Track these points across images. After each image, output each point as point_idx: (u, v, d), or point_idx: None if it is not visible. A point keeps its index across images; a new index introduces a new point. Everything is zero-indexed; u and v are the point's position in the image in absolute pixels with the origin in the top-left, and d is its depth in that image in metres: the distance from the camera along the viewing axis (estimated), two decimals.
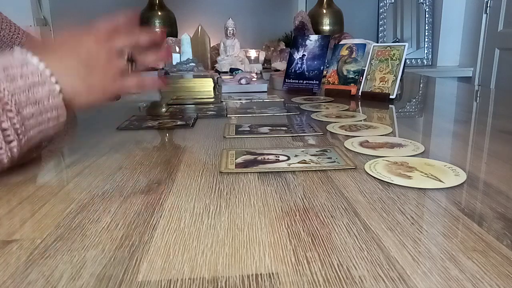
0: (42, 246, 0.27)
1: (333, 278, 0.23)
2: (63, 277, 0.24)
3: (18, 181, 0.40)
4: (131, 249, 0.27)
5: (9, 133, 0.37)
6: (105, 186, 0.39)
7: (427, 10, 2.42)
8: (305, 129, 0.62)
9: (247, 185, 0.38)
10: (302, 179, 0.40)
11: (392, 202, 0.34)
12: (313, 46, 1.06)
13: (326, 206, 0.33)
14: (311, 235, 0.28)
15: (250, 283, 0.23)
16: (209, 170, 0.43)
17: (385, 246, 0.27)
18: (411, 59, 2.43)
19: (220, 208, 0.33)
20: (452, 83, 1.56)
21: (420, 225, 0.30)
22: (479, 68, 2.23)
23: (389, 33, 2.46)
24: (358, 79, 0.95)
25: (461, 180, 0.38)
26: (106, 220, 0.31)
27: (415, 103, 0.92)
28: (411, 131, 0.63)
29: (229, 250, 0.26)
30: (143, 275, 0.24)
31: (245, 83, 1.08)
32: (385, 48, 0.91)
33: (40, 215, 0.32)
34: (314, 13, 2.13)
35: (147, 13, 2.11)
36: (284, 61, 1.50)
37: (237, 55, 1.55)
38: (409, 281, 0.23)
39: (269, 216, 0.31)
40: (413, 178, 0.39)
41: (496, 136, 0.57)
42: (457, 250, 0.26)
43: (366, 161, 0.44)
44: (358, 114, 0.75)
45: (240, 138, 0.57)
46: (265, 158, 0.46)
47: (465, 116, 0.76)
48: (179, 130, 0.63)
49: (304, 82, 1.05)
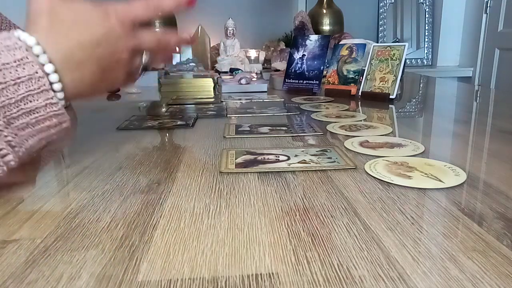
0: (42, 246, 0.27)
1: (333, 278, 0.23)
2: (63, 277, 0.24)
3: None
4: (131, 249, 0.27)
5: (0, 147, 0.32)
6: (105, 186, 0.39)
7: (427, 10, 2.42)
8: (305, 129, 0.62)
9: (247, 185, 0.38)
10: (302, 179, 0.40)
11: (392, 202, 0.34)
12: (313, 46, 1.06)
13: (326, 206, 0.33)
14: (311, 235, 0.28)
15: (250, 283, 0.23)
16: (209, 170, 0.43)
17: (385, 246, 0.27)
18: (411, 59, 2.43)
19: (220, 208, 0.33)
20: (452, 83, 1.56)
21: (420, 225, 0.30)
22: (479, 68, 2.23)
23: (389, 33, 2.46)
24: (358, 79, 0.95)
25: (461, 180, 0.38)
26: (106, 220, 0.31)
27: (415, 103, 0.92)
28: (411, 131, 0.63)
29: (229, 250, 0.26)
30: (143, 275, 0.24)
31: (245, 83, 1.08)
32: (385, 48, 0.91)
33: (40, 215, 0.32)
34: (314, 13, 2.13)
35: None
36: (284, 61, 1.50)
37: (237, 55, 1.55)
38: (409, 281, 0.23)
39: (269, 216, 0.31)
40: (413, 178, 0.39)
41: (496, 136, 0.57)
42: (457, 250, 0.26)
43: (366, 161, 0.44)
44: (358, 114, 0.75)
45: (240, 138, 0.57)
46: (265, 158, 0.46)
47: (465, 116, 0.76)
48: (179, 130, 0.63)
49: (304, 82, 1.05)
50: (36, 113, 0.34)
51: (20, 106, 0.33)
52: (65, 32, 0.36)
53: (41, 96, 0.34)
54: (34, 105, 0.33)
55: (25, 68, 0.33)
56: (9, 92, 0.32)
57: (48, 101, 0.34)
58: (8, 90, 0.32)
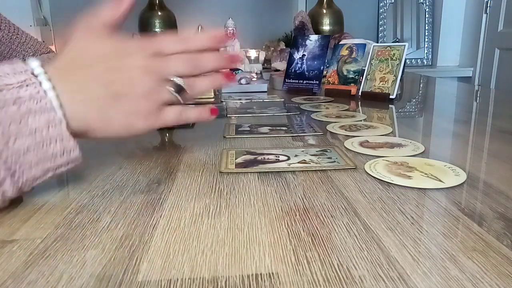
0: (42, 246, 0.27)
1: (333, 278, 0.23)
2: (63, 277, 0.24)
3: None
4: (131, 249, 0.27)
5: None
6: (105, 186, 0.39)
7: (427, 10, 2.42)
8: (305, 129, 0.62)
9: (247, 185, 0.38)
10: (302, 179, 0.40)
11: (392, 202, 0.34)
12: (313, 46, 1.06)
13: (326, 206, 0.33)
14: (311, 235, 0.28)
15: (250, 283, 0.23)
16: (209, 170, 0.43)
17: (385, 246, 0.27)
18: (411, 59, 2.43)
19: (220, 208, 0.33)
20: (452, 83, 1.56)
21: (420, 225, 0.30)
22: (479, 68, 2.23)
23: (389, 33, 2.46)
24: (358, 79, 0.95)
25: (461, 180, 0.38)
26: (106, 220, 0.31)
27: (415, 103, 0.92)
28: (411, 131, 0.63)
29: (229, 250, 0.26)
30: (143, 275, 0.24)
31: (245, 83, 1.08)
32: (385, 48, 0.91)
33: (40, 215, 0.32)
34: (314, 13, 2.13)
35: (147, 13, 2.11)
36: (284, 61, 1.50)
37: None
38: (409, 281, 0.23)
39: (269, 216, 0.31)
40: (413, 178, 0.39)
41: (496, 136, 0.57)
42: (457, 250, 0.26)
43: (366, 161, 0.44)
44: (358, 114, 0.75)
45: (240, 138, 0.57)
46: (265, 158, 0.46)
47: (465, 116, 0.76)
48: (179, 130, 0.63)
49: (304, 82, 1.05)
50: (37, 132, 0.31)
51: (20, 126, 0.30)
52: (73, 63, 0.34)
53: (43, 115, 0.31)
54: (35, 126, 0.31)
55: (27, 89, 0.31)
56: (10, 108, 0.30)
57: (49, 122, 0.31)
58: (9, 107, 0.30)
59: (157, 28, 2.10)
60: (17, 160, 0.30)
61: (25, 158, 0.31)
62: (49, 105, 0.31)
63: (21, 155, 0.30)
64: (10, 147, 0.30)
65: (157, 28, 2.10)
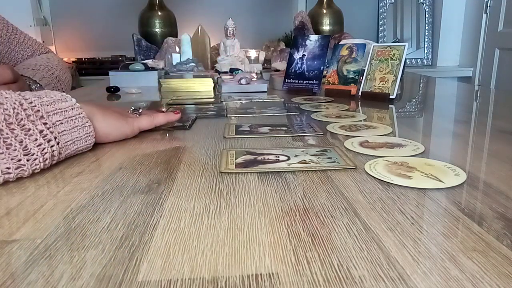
0: (42, 246, 0.27)
1: (333, 278, 0.23)
2: (63, 277, 0.24)
3: (18, 181, 0.40)
4: (131, 249, 0.27)
5: (46, 133, 0.42)
6: (105, 186, 0.39)
7: (427, 10, 2.42)
8: (305, 129, 0.62)
9: (247, 185, 0.38)
10: (302, 179, 0.40)
11: (392, 202, 0.34)
12: (313, 46, 1.06)
13: (326, 206, 0.33)
14: (311, 235, 0.28)
15: (250, 283, 0.23)
16: (209, 170, 0.43)
17: (385, 246, 0.27)
18: (411, 59, 2.43)
19: (220, 208, 0.33)
20: (452, 83, 1.56)
21: (420, 225, 0.30)
22: (479, 68, 2.23)
23: (389, 33, 2.46)
24: (358, 79, 0.95)
25: (461, 180, 0.38)
26: (106, 220, 0.31)
27: (415, 103, 0.92)
28: (411, 131, 0.63)
29: (229, 250, 0.26)
30: (143, 275, 0.24)
31: (245, 83, 1.08)
32: (385, 48, 0.91)
33: (40, 215, 0.32)
34: (314, 13, 2.13)
35: (147, 13, 2.11)
36: (284, 61, 1.51)
37: (237, 55, 1.55)
38: (409, 281, 0.23)
39: (269, 216, 0.31)
40: (413, 178, 0.39)
41: (496, 136, 0.57)
42: (457, 250, 0.26)
43: (366, 161, 0.45)
44: (358, 114, 0.75)
45: (240, 138, 0.57)
46: (265, 158, 0.46)
47: (465, 116, 0.76)
48: (179, 130, 0.63)
49: (304, 82, 1.05)
50: (71, 121, 0.46)
51: (62, 116, 0.45)
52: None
53: (74, 110, 0.47)
54: (69, 114, 0.46)
55: (73, 112, 0.47)
56: (57, 116, 0.45)
57: (79, 114, 0.48)
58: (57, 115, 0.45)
59: (157, 28, 2.10)
60: (57, 137, 0.44)
61: (63, 136, 0.45)
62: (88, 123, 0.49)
63: (61, 134, 0.45)
64: (54, 126, 0.44)
65: (157, 28, 2.10)
